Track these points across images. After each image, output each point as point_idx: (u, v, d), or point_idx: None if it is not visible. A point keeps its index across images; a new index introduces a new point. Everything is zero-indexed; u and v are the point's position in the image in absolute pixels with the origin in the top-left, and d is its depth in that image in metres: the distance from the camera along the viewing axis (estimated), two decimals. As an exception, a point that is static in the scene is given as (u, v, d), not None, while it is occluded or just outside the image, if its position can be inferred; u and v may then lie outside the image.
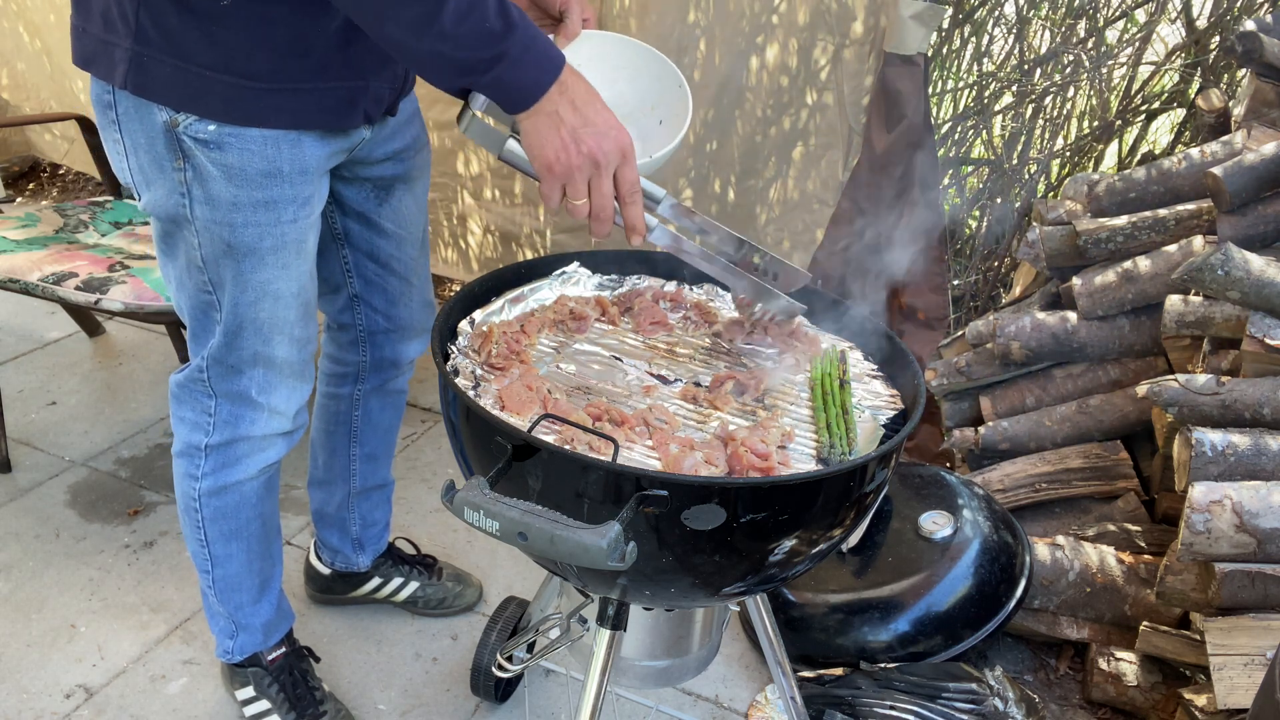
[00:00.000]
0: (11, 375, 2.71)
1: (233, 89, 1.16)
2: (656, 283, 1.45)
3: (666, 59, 1.32)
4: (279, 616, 1.65)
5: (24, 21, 3.73)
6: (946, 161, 3.01)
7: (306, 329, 1.39)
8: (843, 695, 1.68)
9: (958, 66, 3.00)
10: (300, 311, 1.36)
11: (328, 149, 1.27)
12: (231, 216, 1.23)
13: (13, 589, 1.96)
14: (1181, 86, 2.69)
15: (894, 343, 1.30)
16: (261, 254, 1.27)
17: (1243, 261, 1.67)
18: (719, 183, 2.53)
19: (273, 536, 1.59)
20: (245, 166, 1.20)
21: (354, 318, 1.63)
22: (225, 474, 1.46)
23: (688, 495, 0.95)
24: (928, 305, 2.37)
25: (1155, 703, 1.74)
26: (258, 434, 1.43)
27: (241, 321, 1.32)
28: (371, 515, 1.86)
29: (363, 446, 1.78)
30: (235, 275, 1.28)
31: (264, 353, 1.36)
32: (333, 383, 1.72)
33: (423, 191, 1.56)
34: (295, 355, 1.39)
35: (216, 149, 1.19)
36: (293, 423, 1.46)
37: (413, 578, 1.94)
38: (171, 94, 1.16)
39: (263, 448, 1.46)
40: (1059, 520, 2.03)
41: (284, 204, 1.25)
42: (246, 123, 1.18)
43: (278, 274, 1.30)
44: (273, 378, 1.39)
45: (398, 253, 1.56)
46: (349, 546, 1.87)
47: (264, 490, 1.52)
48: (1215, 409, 1.69)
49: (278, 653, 1.65)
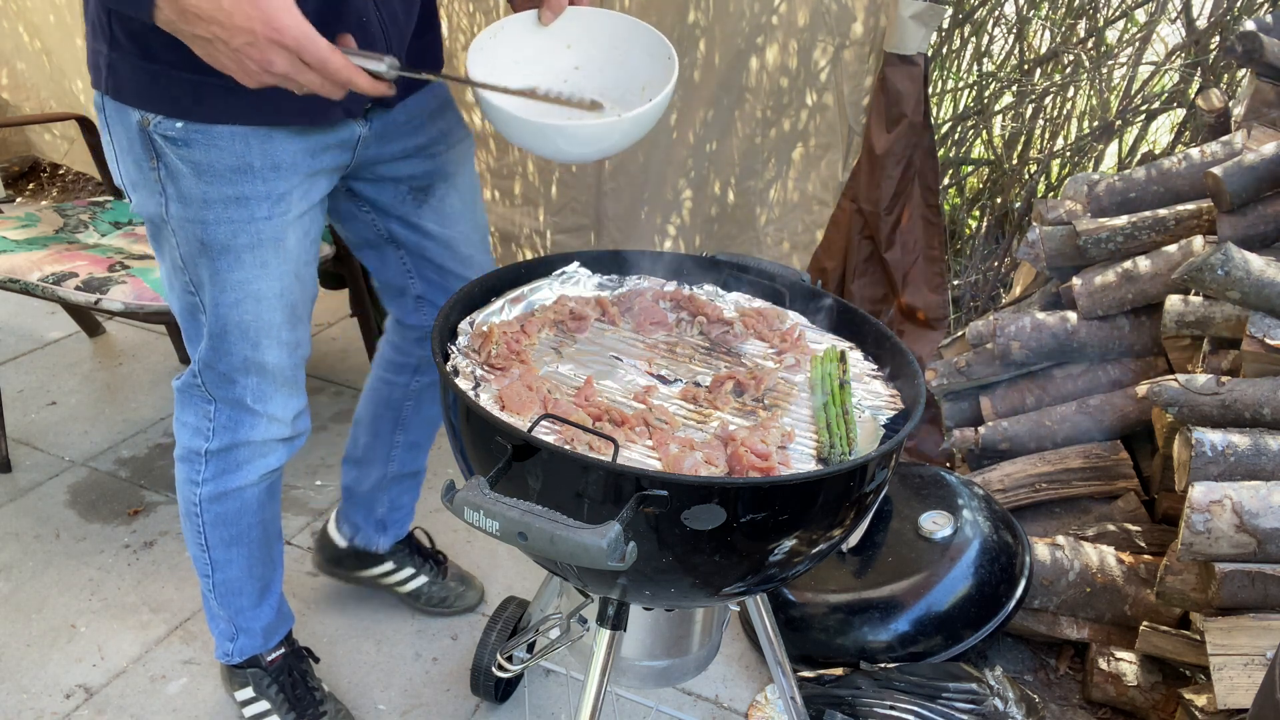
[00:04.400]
0: (11, 375, 2.71)
1: (196, 86, 1.16)
2: (656, 283, 1.45)
3: (656, 31, 1.30)
4: (279, 619, 1.65)
5: (24, 21, 3.73)
6: (946, 161, 3.01)
7: (295, 332, 1.38)
8: (843, 695, 1.68)
9: (958, 66, 3.00)
10: (286, 314, 1.35)
11: (305, 144, 1.26)
12: (204, 214, 1.23)
13: (13, 589, 1.96)
14: (1181, 86, 2.69)
15: (894, 343, 1.30)
16: (237, 252, 1.26)
17: (1243, 261, 1.67)
18: (719, 184, 2.53)
19: (273, 541, 1.58)
20: (214, 163, 1.20)
21: (421, 319, 1.62)
22: (226, 480, 1.45)
23: (688, 495, 0.95)
24: (928, 305, 2.37)
25: (1155, 703, 1.74)
26: (258, 439, 1.42)
27: (225, 325, 1.31)
28: (400, 500, 1.86)
29: (407, 434, 1.78)
30: (213, 275, 1.27)
31: (254, 359, 1.35)
32: (390, 369, 1.72)
33: (469, 187, 1.53)
34: (286, 360, 1.38)
35: (185, 146, 1.19)
36: (292, 429, 1.45)
37: (423, 572, 1.94)
38: (140, 94, 1.18)
39: (263, 454, 1.45)
40: (1059, 520, 2.03)
41: (256, 200, 1.23)
42: (212, 119, 1.18)
43: (256, 273, 1.28)
44: (266, 386, 1.38)
45: (450, 254, 1.54)
46: (372, 526, 1.87)
47: (265, 496, 1.51)
48: (1215, 409, 1.69)
49: (277, 654, 1.65)
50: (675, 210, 2.62)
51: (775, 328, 1.37)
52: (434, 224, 1.50)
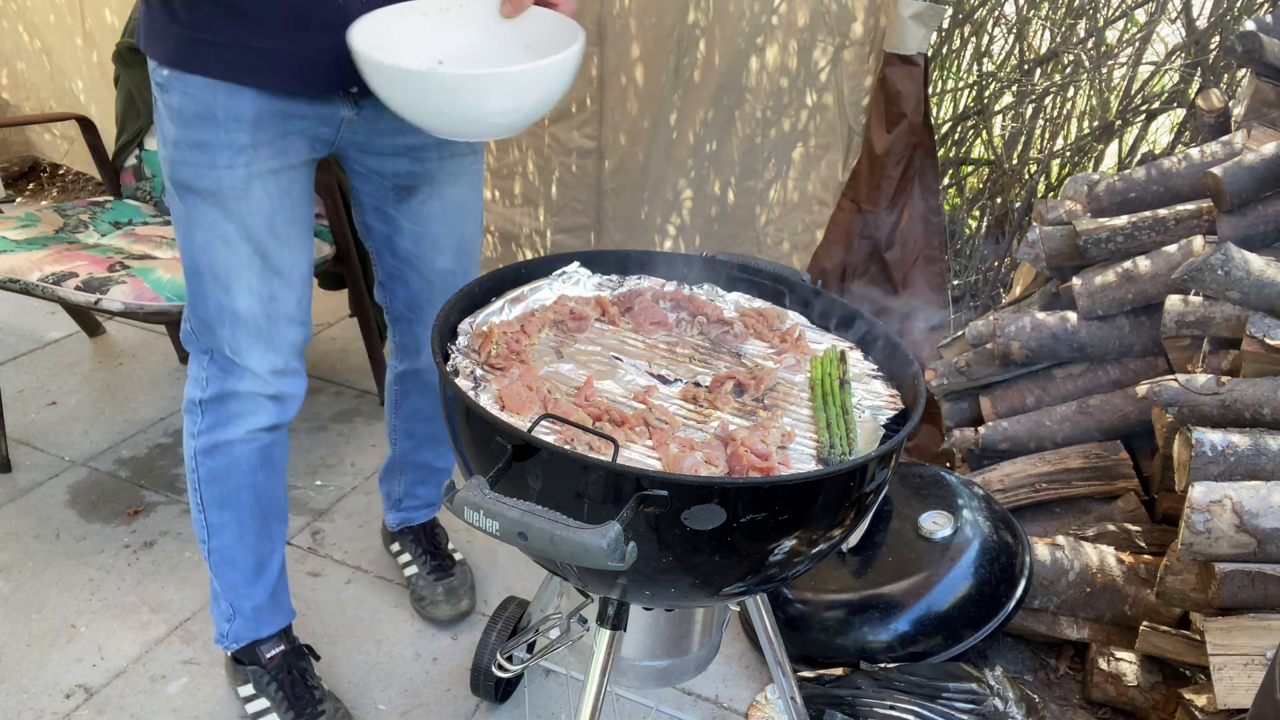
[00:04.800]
0: (11, 375, 2.71)
1: (177, 38, 1.28)
2: (656, 283, 1.45)
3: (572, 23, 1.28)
4: (272, 605, 1.66)
5: (24, 21, 3.73)
6: (946, 161, 3.01)
7: (268, 284, 1.42)
8: (843, 695, 1.68)
9: (958, 66, 3.00)
10: (257, 263, 1.40)
11: (274, 106, 1.32)
12: (173, 154, 1.34)
13: (13, 589, 1.96)
14: (1181, 86, 2.69)
15: (894, 343, 1.30)
16: (201, 193, 1.34)
17: (1243, 261, 1.67)
18: (719, 184, 2.53)
19: (271, 518, 1.61)
20: (184, 108, 1.30)
21: (385, 299, 1.71)
22: (217, 432, 1.50)
23: (688, 495, 0.95)
24: (928, 305, 2.37)
25: (1155, 703, 1.74)
26: (244, 390, 1.47)
27: (198, 266, 1.39)
28: (414, 489, 1.95)
29: (401, 421, 1.87)
30: (184, 212, 1.37)
31: (228, 305, 1.41)
32: (389, 353, 1.84)
33: (458, 202, 1.57)
34: (259, 311, 1.42)
35: (166, 91, 1.32)
36: (273, 386, 1.48)
37: (418, 563, 1.97)
38: (149, 44, 1.32)
39: (251, 409, 1.49)
40: (1059, 520, 2.03)
41: (217, 148, 1.31)
42: (188, 69, 1.28)
43: (221, 216, 1.35)
44: (241, 336, 1.43)
45: (416, 250, 1.58)
46: (390, 502, 1.98)
47: (257, 460, 1.54)
48: (1215, 409, 1.69)
49: (276, 650, 1.66)
50: (675, 210, 2.63)
51: (775, 328, 1.37)
52: (407, 220, 1.55)
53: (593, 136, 2.67)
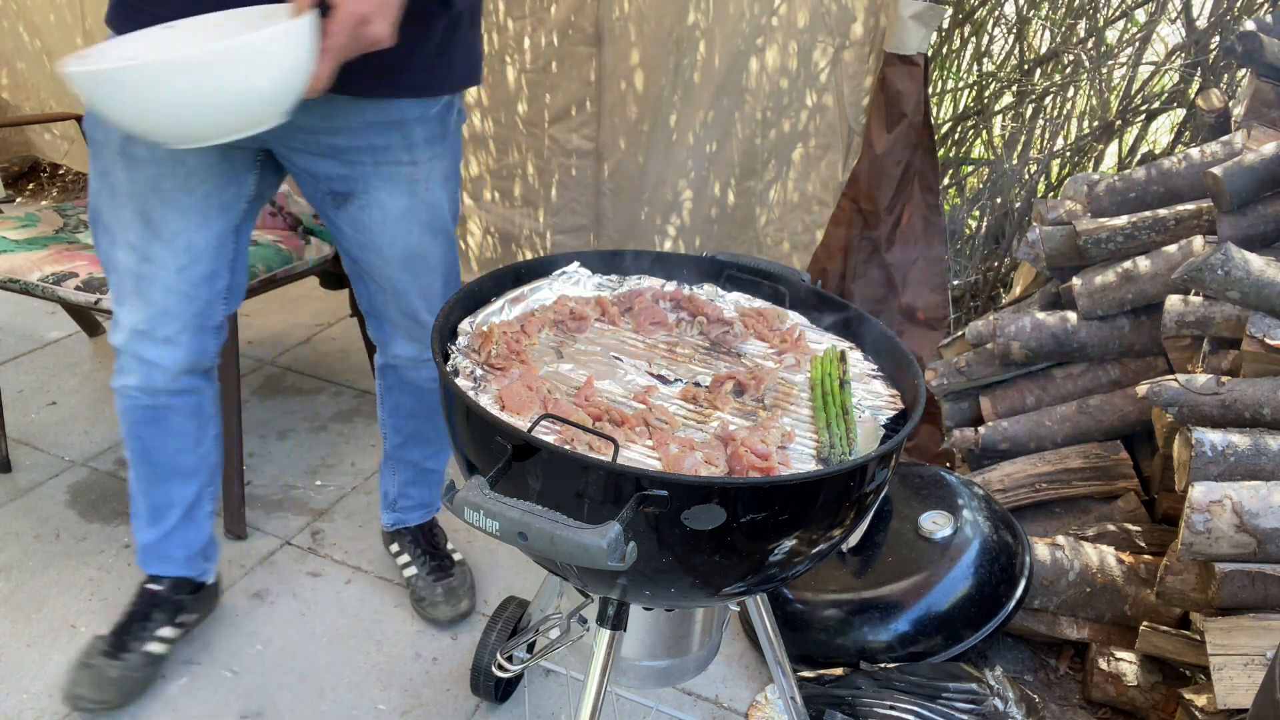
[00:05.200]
0: (11, 375, 2.71)
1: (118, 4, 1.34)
2: (656, 283, 1.45)
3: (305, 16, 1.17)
4: (159, 552, 1.74)
5: (24, 21, 3.73)
6: (946, 161, 3.01)
7: (147, 244, 1.45)
8: (843, 695, 1.68)
9: (958, 66, 3.00)
10: (139, 222, 1.44)
11: None
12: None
13: (13, 589, 1.96)
14: (1181, 86, 2.69)
15: (894, 343, 1.30)
16: (97, 145, 1.42)
17: (1243, 261, 1.67)
18: (718, 185, 2.53)
19: (162, 475, 1.66)
20: None
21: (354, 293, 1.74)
22: (116, 377, 1.58)
23: (688, 495, 0.95)
24: (928, 305, 2.37)
25: (1155, 703, 1.74)
26: (119, 344, 1.53)
27: (97, 209, 1.47)
28: (407, 489, 1.96)
29: (388, 415, 1.88)
30: (91, 159, 1.45)
31: (111, 255, 1.48)
32: None
33: (399, 212, 1.51)
34: (134, 267, 1.47)
35: None
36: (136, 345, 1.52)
37: (416, 563, 1.97)
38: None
39: (124, 367, 1.55)
40: (1059, 520, 2.03)
41: None
42: (113, 27, 1.33)
43: (110, 168, 1.42)
44: (116, 283, 1.50)
45: (362, 256, 1.59)
46: (384, 501, 2.00)
47: (139, 416, 1.60)
48: (1215, 409, 1.69)
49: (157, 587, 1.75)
50: (675, 211, 2.63)
51: (775, 328, 1.37)
52: (348, 227, 1.56)
53: (592, 138, 2.67)
